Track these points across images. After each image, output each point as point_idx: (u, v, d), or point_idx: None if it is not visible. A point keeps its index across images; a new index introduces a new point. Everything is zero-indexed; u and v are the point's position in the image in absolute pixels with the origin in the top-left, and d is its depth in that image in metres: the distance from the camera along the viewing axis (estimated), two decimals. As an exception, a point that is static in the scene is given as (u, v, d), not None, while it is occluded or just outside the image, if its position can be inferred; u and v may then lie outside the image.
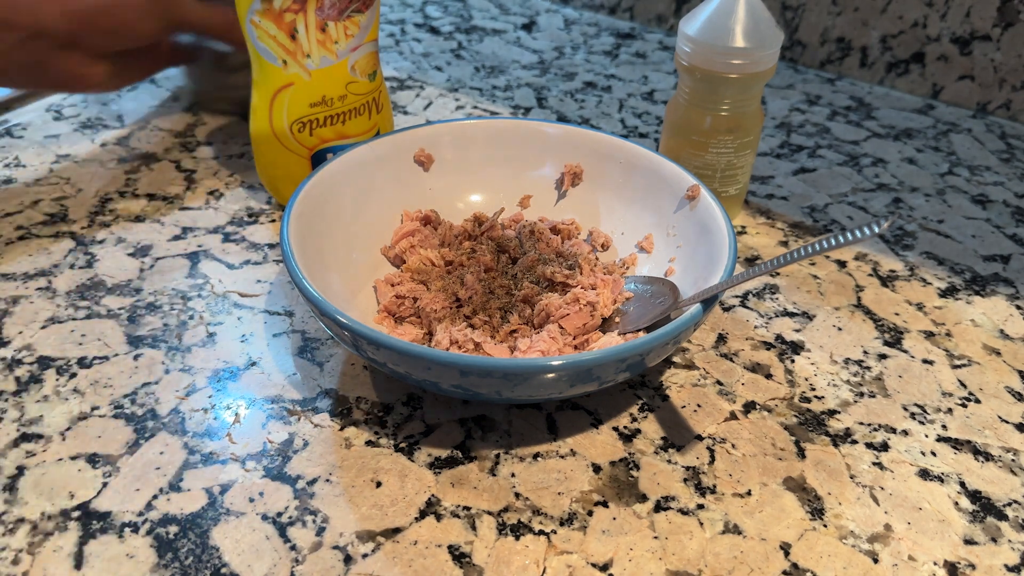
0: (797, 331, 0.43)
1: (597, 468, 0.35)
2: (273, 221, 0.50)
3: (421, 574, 0.30)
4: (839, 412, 0.38)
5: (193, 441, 0.35)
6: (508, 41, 0.76)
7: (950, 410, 0.38)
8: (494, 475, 0.34)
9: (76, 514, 0.32)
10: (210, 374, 0.39)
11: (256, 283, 0.45)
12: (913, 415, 0.38)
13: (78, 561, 0.30)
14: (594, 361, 0.31)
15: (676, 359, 0.41)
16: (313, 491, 0.33)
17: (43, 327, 0.41)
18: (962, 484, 0.35)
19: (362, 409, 0.37)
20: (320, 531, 0.32)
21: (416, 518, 0.32)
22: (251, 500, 0.33)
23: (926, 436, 0.37)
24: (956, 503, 0.34)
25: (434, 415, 0.37)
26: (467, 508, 0.33)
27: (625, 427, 0.37)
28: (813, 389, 0.39)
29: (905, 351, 0.42)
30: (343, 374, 0.39)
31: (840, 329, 0.43)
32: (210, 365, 0.39)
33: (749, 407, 0.38)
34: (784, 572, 0.31)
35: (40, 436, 0.35)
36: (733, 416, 0.37)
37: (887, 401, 0.39)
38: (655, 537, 0.32)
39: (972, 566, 0.31)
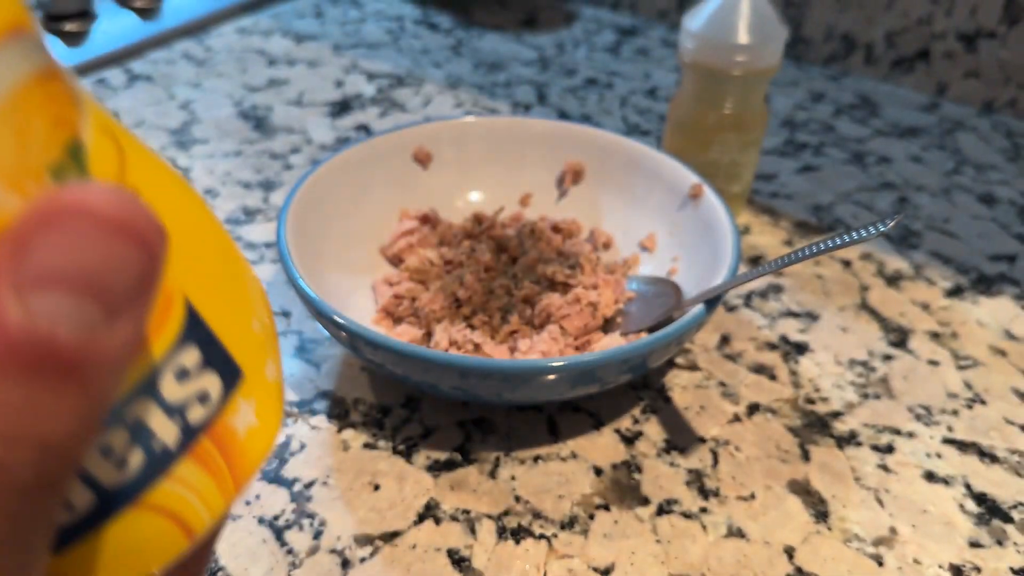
0: (801, 332, 0.42)
1: (599, 471, 0.34)
2: (270, 220, 0.49)
3: (419, 579, 0.30)
4: (844, 414, 0.37)
5: (189, 443, 0.35)
6: (508, 38, 0.75)
7: (956, 412, 0.38)
8: (494, 478, 0.34)
9: (70, 517, 0.32)
10: (207, 375, 0.38)
11: (254, 282, 0.44)
12: (918, 417, 0.37)
13: (72, 565, 0.30)
14: (596, 362, 0.30)
15: (679, 360, 0.40)
16: (310, 494, 0.33)
17: (38, 327, 0.41)
18: (968, 486, 0.34)
19: (360, 411, 0.37)
20: (317, 535, 0.31)
21: (415, 521, 0.32)
22: (247, 503, 0.32)
23: (931, 438, 0.36)
24: (962, 506, 0.33)
25: (433, 417, 0.36)
26: (466, 511, 0.32)
27: (627, 429, 0.36)
28: (818, 391, 0.39)
29: (911, 352, 0.41)
30: (341, 375, 0.38)
31: (845, 330, 0.42)
32: (207, 365, 0.39)
33: (753, 409, 0.38)
34: (788, 577, 0.30)
35: (34, 438, 0.35)
36: (737, 418, 0.37)
37: (892, 403, 0.38)
38: (657, 541, 0.31)
39: (978, 569, 0.31)
